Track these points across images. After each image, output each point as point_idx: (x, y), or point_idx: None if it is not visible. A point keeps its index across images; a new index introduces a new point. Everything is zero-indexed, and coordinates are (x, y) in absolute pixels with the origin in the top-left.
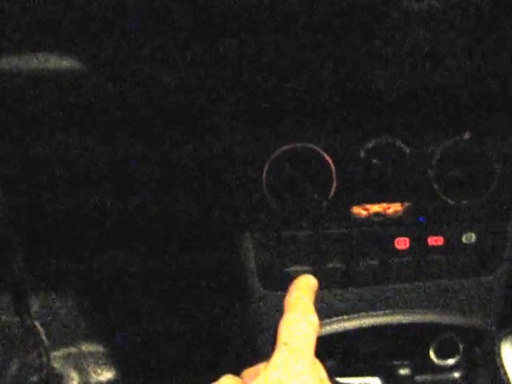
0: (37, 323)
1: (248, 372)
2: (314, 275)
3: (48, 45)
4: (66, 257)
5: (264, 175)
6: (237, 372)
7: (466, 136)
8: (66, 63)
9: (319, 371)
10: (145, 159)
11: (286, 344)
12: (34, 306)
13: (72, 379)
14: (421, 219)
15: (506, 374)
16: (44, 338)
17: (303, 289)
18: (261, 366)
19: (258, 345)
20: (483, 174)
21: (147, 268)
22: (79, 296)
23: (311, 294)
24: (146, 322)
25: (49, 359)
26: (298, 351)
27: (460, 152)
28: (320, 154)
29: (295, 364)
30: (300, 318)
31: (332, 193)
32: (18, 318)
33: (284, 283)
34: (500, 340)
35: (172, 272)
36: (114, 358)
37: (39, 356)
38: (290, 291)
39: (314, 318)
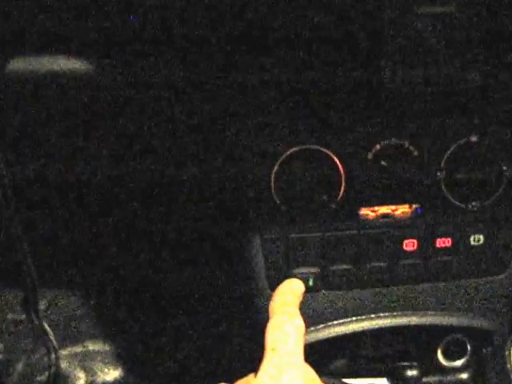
0: (44, 322)
1: None
2: (323, 277)
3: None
4: (75, 256)
5: (273, 177)
6: (245, 373)
7: (474, 138)
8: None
9: (310, 374)
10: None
11: (274, 350)
12: (42, 304)
13: (79, 378)
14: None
15: None
16: (51, 336)
17: (287, 293)
18: (250, 376)
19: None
20: (491, 176)
21: (154, 268)
22: (86, 295)
23: (295, 298)
24: (152, 321)
25: (56, 358)
26: (287, 356)
27: (468, 154)
28: (328, 156)
29: (286, 369)
30: (286, 322)
31: (340, 195)
32: (25, 317)
33: None
34: (509, 342)
35: (180, 273)
36: (121, 358)
37: (47, 355)
38: (273, 296)
39: (299, 321)
